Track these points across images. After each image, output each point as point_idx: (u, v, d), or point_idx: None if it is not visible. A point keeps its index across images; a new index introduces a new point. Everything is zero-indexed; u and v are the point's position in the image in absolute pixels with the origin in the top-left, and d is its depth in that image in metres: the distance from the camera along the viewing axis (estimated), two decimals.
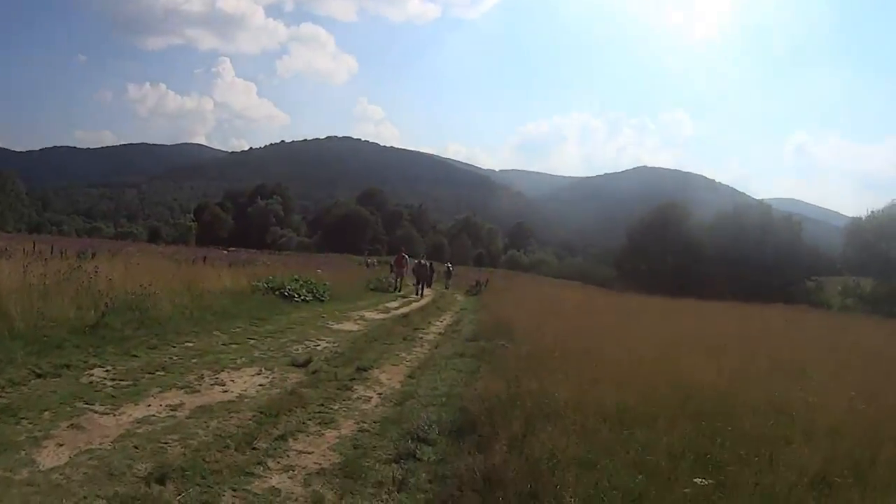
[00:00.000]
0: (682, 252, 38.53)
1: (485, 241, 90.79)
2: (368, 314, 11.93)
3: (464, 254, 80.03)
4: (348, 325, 9.86)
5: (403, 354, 7.48)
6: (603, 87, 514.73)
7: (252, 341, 7.30)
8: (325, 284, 13.87)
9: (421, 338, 9.12)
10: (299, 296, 11.93)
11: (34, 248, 12.87)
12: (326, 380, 5.57)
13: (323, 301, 12.68)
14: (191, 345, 6.57)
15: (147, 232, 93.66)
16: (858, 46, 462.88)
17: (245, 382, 5.27)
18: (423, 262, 22.49)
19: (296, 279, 13.06)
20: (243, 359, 6.24)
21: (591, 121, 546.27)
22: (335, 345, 7.68)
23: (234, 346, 6.89)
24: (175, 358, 5.82)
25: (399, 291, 19.01)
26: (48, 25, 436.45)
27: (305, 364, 6.42)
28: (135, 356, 5.65)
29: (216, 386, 5.03)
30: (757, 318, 15.48)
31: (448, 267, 29.34)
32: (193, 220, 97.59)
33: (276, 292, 11.51)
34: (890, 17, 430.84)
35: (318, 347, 7.40)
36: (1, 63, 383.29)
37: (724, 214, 43.14)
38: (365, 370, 6.20)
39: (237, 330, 7.92)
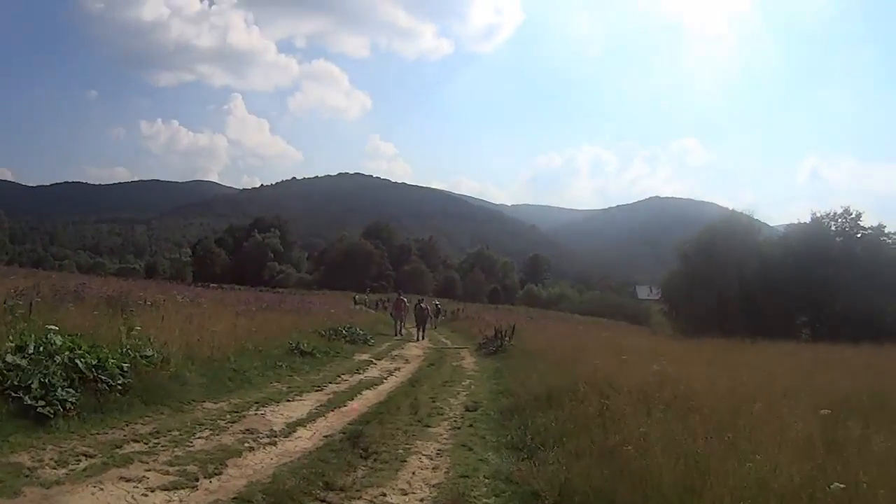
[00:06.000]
0: (753, 277, 29.85)
1: (499, 275, 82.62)
2: None
3: (477, 289, 72.35)
4: None
5: None
6: (614, 118, 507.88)
7: None
8: (138, 357, 5.85)
9: None
10: None
11: None
12: None
13: (66, 418, 4.45)
14: None
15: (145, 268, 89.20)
16: (867, 65, 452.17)
17: None
18: (422, 304, 20.78)
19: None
20: None
21: (603, 153, 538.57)
22: None
23: None
24: None
25: (399, 336, 18.62)
26: (59, 60, 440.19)
27: None
28: None
29: None
30: None
31: (437, 305, 26.25)
32: (190, 256, 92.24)
33: None
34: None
35: None
36: (12, 97, 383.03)
37: (799, 226, 34.27)
38: None
39: None
